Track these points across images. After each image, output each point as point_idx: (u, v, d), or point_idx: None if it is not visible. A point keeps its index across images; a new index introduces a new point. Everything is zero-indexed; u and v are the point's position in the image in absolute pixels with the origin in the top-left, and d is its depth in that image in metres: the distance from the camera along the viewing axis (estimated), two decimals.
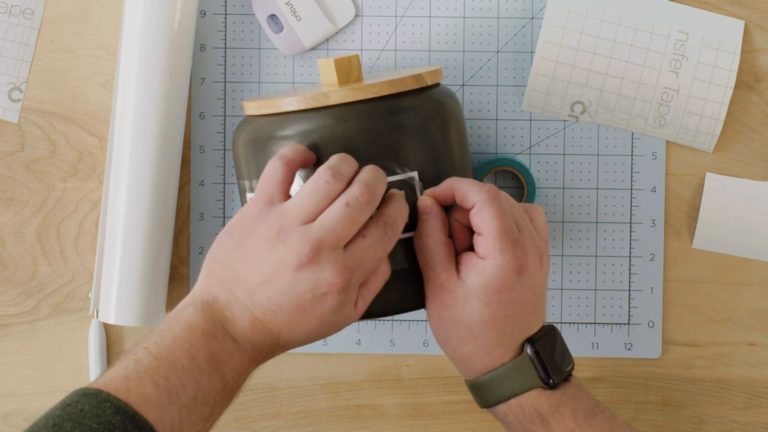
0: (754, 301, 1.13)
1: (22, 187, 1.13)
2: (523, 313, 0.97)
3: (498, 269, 0.95)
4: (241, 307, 0.93)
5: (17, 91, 1.13)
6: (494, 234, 0.95)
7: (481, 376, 0.98)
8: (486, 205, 0.95)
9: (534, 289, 0.97)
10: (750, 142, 1.13)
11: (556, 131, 1.13)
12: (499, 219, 0.95)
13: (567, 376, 0.98)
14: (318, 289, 0.92)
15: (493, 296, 0.95)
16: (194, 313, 0.93)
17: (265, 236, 0.93)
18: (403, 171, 0.98)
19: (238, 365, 0.93)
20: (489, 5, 1.12)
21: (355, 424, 1.14)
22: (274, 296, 0.92)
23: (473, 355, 0.98)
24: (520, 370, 0.97)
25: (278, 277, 0.92)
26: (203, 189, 1.13)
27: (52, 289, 1.14)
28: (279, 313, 0.92)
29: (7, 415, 1.14)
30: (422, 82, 0.99)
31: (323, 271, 0.91)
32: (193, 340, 0.91)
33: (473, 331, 0.96)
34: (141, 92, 1.07)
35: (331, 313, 0.93)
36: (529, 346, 0.97)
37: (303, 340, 0.94)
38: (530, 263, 0.96)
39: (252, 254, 0.93)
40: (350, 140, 0.96)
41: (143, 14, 1.07)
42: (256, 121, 1.00)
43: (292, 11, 1.12)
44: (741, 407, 1.13)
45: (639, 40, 1.11)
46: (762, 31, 1.12)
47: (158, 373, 0.89)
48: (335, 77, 1.00)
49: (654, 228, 1.13)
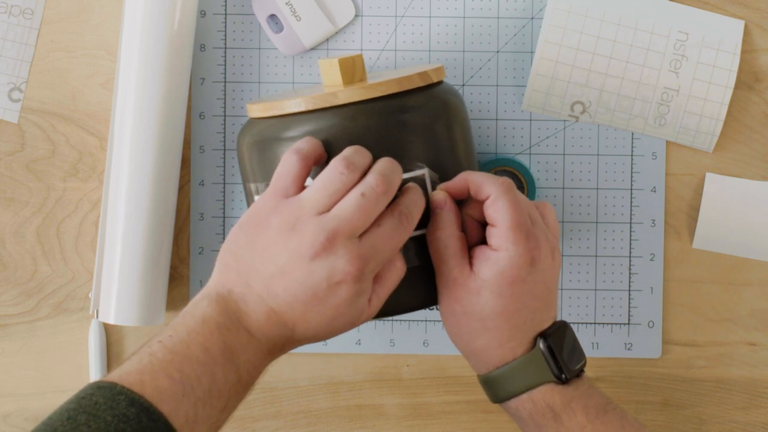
0: (754, 301, 1.13)
1: (22, 187, 1.13)
2: (535, 306, 0.97)
3: (511, 260, 0.96)
4: (256, 298, 0.93)
5: (17, 91, 1.13)
6: (508, 225, 0.96)
7: (494, 370, 0.98)
8: (501, 197, 0.96)
9: (546, 283, 0.97)
10: (750, 142, 1.13)
11: (556, 131, 1.13)
12: (513, 210, 0.96)
13: (579, 372, 0.98)
14: (333, 277, 0.92)
15: (506, 288, 0.96)
16: (209, 306, 0.93)
17: (280, 228, 0.93)
18: (414, 168, 0.98)
19: (253, 358, 0.93)
20: (489, 5, 1.12)
21: (355, 424, 1.14)
22: (290, 287, 0.92)
23: (486, 349, 0.98)
24: (532, 365, 0.97)
25: (294, 267, 0.92)
26: (203, 189, 1.13)
27: (52, 289, 1.14)
28: (294, 304, 0.93)
29: (7, 415, 1.14)
30: (428, 80, 0.99)
31: (338, 259, 0.91)
32: (207, 333, 0.91)
33: (486, 324, 0.97)
34: (141, 92, 1.07)
35: (347, 304, 0.93)
36: (541, 341, 0.97)
37: (318, 333, 0.94)
38: (543, 256, 0.96)
39: (267, 246, 0.93)
40: (358, 139, 0.96)
41: (143, 14, 1.07)
42: (261, 123, 1.00)
43: (292, 11, 1.12)
44: (741, 407, 1.13)
45: (639, 40, 1.11)
46: (762, 31, 1.12)
47: (173, 366, 0.89)
48: (339, 77, 1.00)
49: (654, 228, 1.13)
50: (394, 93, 0.98)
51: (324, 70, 1.01)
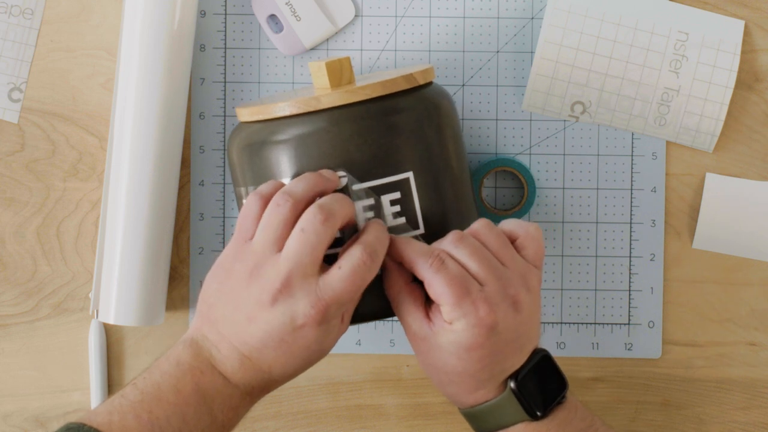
0: (754, 301, 1.13)
1: (22, 187, 1.13)
2: (500, 360, 0.95)
3: (465, 332, 0.93)
4: (228, 345, 0.94)
5: (17, 91, 1.13)
6: (451, 302, 0.93)
7: (470, 408, 0.98)
8: (434, 280, 0.93)
9: (510, 336, 0.94)
10: (750, 142, 1.13)
11: (556, 131, 1.13)
12: (450, 287, 0.92)
13: (558, 402, 0.97)
14: (295, 321, 0.92)
15: (464, 353, 0.94)
16: (184, 351, 0.94)
17: (242, 274, 0.93)
18: (398, 172, 0.97)
19: (230, 400, 0.94)
20: (489, 5, 1.12)
21: (355, 424, 1.14)
22: (256, 334, 0.93)
23: (457, 395, 0.97)
24: (504, 406, 0.96)
25: (257, 314, 0.92)
26: (203, 189, 1.13)
27: (52, 289, 1.14)
28: (264, 350, 0.93)
29: (7, 415, 1.14)
30: (414, 82, 0.99)
31: (298, 302, 0.91)
32: (180, 375, 0.93)
33: (452, 378, 0.96)
34: (141, 92, 1.07)
35: (317, 343, 0.93)
36: (512, 382, 0.95)
37: (296, 371, 0.95)
38: (500, 317, 0.93)
39: (233, 294, 0.94)
40: (344, 144, 0.96)
41: (143, 14, 1.07)
42: (249, 127, 1.00)
43: (292, 11, 1.12)
44: (741, 407, 1.13)
45: (639, 40, 1.11)
46: (762, 31, 1.12)
47: (142, 407, 0.91)
48: (327, 80, 1.00)
49: (654, 228, 1.13)
50: (379, 96, 0.98)
51: (313, 73, 1.01)
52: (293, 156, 0.97)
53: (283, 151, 0.97)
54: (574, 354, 1.13)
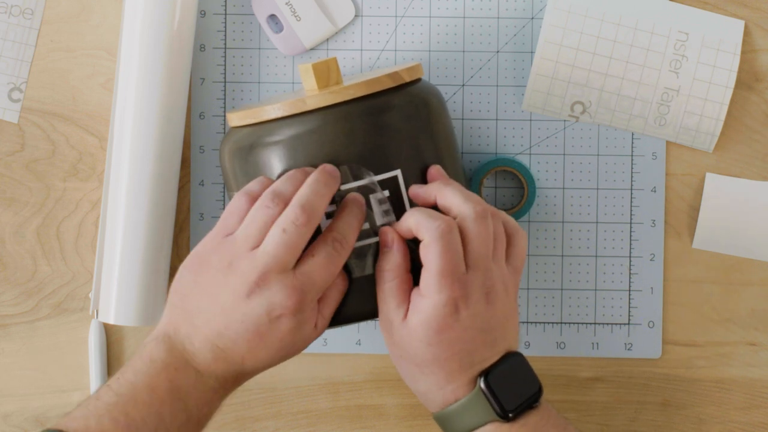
0: (754, 301, 1.13)
1: (22, 187, 1.13)
2: (470, 349, 0.95)
3: (434, 309, 0.94)
4: (202, 338, 0.94)
5: (17, 91, 1.13)
6: (436, 270, 0.94)
7: (440, 411, 0.97)
8: (433, 242, 0.94)
9: (481, 326, 0.95)
10: (750, 142, 1.13)
11: (556, 131, 1.13)
12: (443, 257, 0.94)
13: (531, 404, 0.96)
14: (272, 312, 0.93)
15: (434, 336, 0.94)
16: (156, 347, 0.94)
17: (219, 266, 0.94)
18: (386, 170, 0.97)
19: (203, 395, 0.94)
20: (489, 5, 1.12)
21: (356, 424, 1.14)
22: (232, 325, 0.93)
23: (427, 392, 0.97)
24: (474, 405, 0.95)
25: (233, 305, 0.93)
26: (203, 189, 1.13)
27: (52, 289, 1.14)
28: (239, 341, 0.94)
29: (7, 415, 1.14)
30: (400, 80, 0.99)
31: (275, 294, 0.92)
32: (154, 373, 0.93)
33: (422, 369, 0.96)
34: (141, 92, 1.07)
35: (291, 334, 0.94)
36: (482, 380, 0.95)
37: (268, 364, 0.95)
38: (471, 302, 0.94)
39: (209, 285, 0.94)
40: (331, 144, 0.97)
41: (143, 14, 1.07)
42: (239, 131, 1.00)
43: (292, 11, 1.12)
44: (741, 407, 1.13)
45: (639, 40, 1.11)
46: (762, 31, 1.12)
47: (117, 409, 0.91)
48: (314, 82, 1.00)
49: (654, 228, 1.13)
50: (365, 95, 0.98)
51: (302, 75, 1.02)
52: (282, 158, 0.98)
53: (273, 153, 0.98)
54: (574, 354, 1.13)
